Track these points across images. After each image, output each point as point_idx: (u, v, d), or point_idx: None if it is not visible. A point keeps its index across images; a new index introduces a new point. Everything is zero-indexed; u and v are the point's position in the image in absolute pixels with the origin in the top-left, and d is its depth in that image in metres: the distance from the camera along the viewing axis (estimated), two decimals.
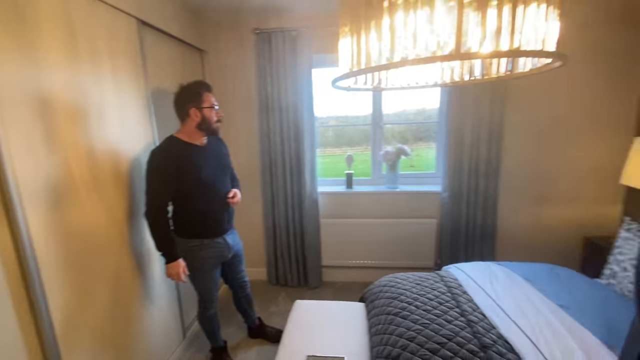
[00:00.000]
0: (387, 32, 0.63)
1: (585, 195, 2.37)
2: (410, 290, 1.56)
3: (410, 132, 2.88)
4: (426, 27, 0.59)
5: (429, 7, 0.60)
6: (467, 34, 0.58)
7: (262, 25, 2.32)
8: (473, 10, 0.56)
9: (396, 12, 0.62)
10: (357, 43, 0.72)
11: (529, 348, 1.09)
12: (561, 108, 2.27)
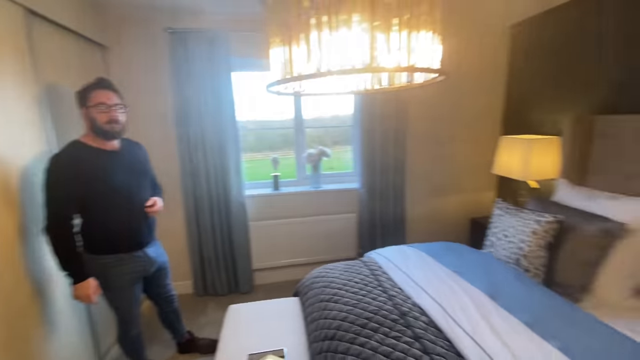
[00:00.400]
0: (315, 45, 0.73)
1: (469, 184, 2.91)
2: (339, 277, 1.70)
3: (327, 136, 3.07)
4: (346, 43, 0.71)
5: (347, 28, 0.72)
6: (377, 50, 0.72)
7: (176, 25, 2.22)
8: (381, 32, 0.70)
9: (322, 30, 0.72)
10: (288, 53, 0.80)
11: (437, 309, 1.33)
12: (449, 114, 2.75)
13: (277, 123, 2.90)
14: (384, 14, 0.70)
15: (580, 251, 1.50)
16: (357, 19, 0.72)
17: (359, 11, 0.72)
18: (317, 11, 0.72)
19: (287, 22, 0.77)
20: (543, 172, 2.21)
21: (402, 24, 0.72)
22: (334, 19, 0.71)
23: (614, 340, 1.10)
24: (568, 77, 2.25)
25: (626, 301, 1.43)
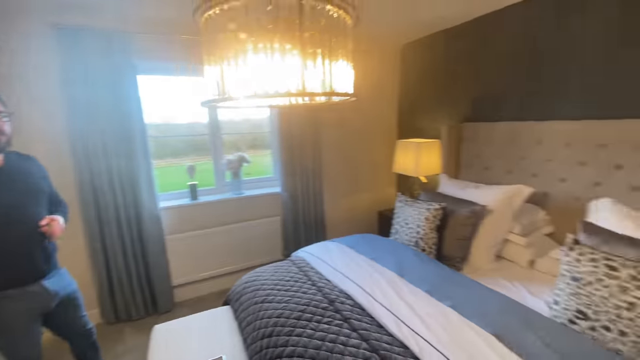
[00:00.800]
0: (253, 68, 0.82)
1: (375, 183, 3.32)
2: (270, 278, 1.78)
3: (241, 141, 3.00)
4: (282, 69, 0.81)
5: (280, 54, 0.83)
6: (305, 75, 0.85)
7: (65, 22, 1.95)
8: (309, 60, 0.83)
9: (257, 53, 0.81)
10: (221, 72, 0.86)
11: (359, 292, 1.53)
12: (355, 122, 3.10)
13: (187, 128, 2.75)
14: (311, 45, 0.83)
15: (458, 230, 1.92)
16: (289, 47, 0.83)
17: (288, 41, 0.83)
18: (254, 39, 0.80)
19: (222, 44, 0.83)
20: (430, 169, 2.70)
21: (324, 54, 0.87)
22: (268, 46, 0.81)
23: (485, 294, 1.47)
24: (443, 92, 2.80)
25: (491, 264, 1.90)
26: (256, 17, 0.83)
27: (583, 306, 1.18)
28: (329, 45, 0.86)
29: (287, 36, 0.83)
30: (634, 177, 1.64)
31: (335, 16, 0.90)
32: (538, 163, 2.06)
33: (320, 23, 0.86)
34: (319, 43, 0.84)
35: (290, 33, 0.83)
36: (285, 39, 0.83)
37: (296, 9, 0.82)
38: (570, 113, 1.92)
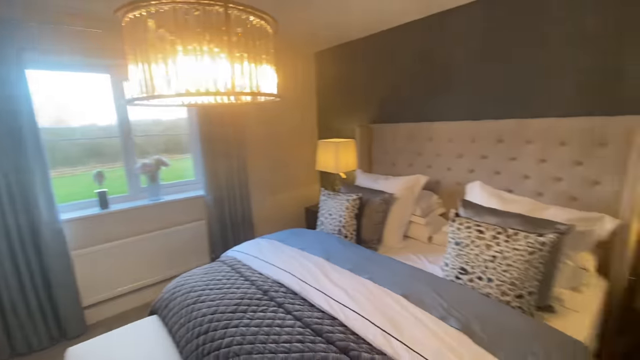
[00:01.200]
0: (179, 67, 0.87)
1: (300, 181, 3.49)
2: (201, 280, 1.77)
3: (149, 144, 2.71)
4: (213, 69, 0.88)
5: (209, 56, 0.89)
6: (236, 77, 0.93)
7: None
8: (237, 63, 0.92)
9: (187, 55, 0.86)
10: (148, 71, 0.89)
11: (291, 279, 1.66)
12: (279, 123, 3.22)
13: (86, 131, 2.45)
14: (237, 48, 0.92)
15: (373, 216, 2.20)
16: (217, 50, 0.91)
17: (217, 44, 0.91)
18: (181, 40, 0.86)
19: (149, 43, 0.86)
20: (347, 166, 2.98)
21: (249, 58, 0.97)
22: (198, 48, 0.87)
23: (396, 266, 1.74)
24: (356, 96, 3.12)
25: (400, 244, 2.23)
26: (184, 20, 0.88)
27: (464, 264, 1.53)
28: (253, 49, 0.96)
29: (216, 40, 0.91)
30: (495, 164, 2.14)
31: (257, 25, 1.01)
32: (431, 157, 2.50)
33: (245, 29, 0.96)
34: (244, 47, 0.93)
35: (218, 37, 0.91)
36: (213, 43, 0.90)
37: (223, 16, 0.90)
38: (452, 116, 2.38)
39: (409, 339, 1.18)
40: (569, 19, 1.81)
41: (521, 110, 2.05)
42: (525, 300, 1.38)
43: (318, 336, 1.28)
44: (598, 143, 1.74)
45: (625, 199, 1.64)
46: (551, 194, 1.92)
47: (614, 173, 1.69)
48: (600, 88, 1.76)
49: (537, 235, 1.39)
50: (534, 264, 1.36)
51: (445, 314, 1.28)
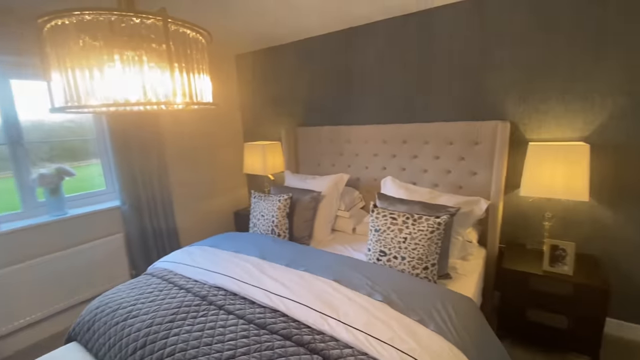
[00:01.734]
0: (121, 76, 0.87)
1: (227, 185, 3.45)
2: (129, 296, 1.67)
3: (42, 151, 2.33)
4: (135, 77, 0.89)
5: (139, 65, 0.91)
6: (174, 86, 0.96)
7: None
8: (176, 71, 0.95)
9: (115, 64, 0.86)
10: (73, 78, 0.86)
11: (230, 281, 1.69)
12: (202, 127, 3.13)
13: None
14: (174, 58, 0.95)
15: (303, 213, 2.36)
16: (146, 59, 0.93)
17: (148, 53, 0.92)
18: (108, 50, 0.85)
19: (75, 51, 0.84)
20: (275, 167, 3.09)
21: (188, 69, 1.00)
22: (136, 58, 0.88)
23: (327, 256, 1.93)
24: (280, 100, 3.24)
25: (328, 237, 2.44)
26: (111, 29, 0.88)
27: (382, 247, 1.80)
28: (185, 58, 1.00)
29: (148, 49, 0.92)
30: (402, 162, 2.51)
31: (191, 36, 1.05)
32: (350, 157, 2.78)
33: (177, 39, 0.99)
34: (181, 57, 0.97)
35: (150, 47, 0.93)
36: (145, 52, 0.92)
37: (156, 27, 0.93)
38: (366, 120, 2.70)
39: (344, 316, 1.36)
40: (449, 46, 2.26)
41: (420, 116, 2.46)
42: (430, 271, 1.70)
43: (262, 329, 1.37)
44: (474, 142, 2.21)
45: (494, 184, 2.14)
46: (444, 184, 2.36)
47: (486, 165, 2.18)
48: (472, 99, 2.25)
49: (435, 217, 1.73)
50: (434, 241, 1.69)
51: (371, 290, 1.51)
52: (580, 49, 1.88)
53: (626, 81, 1.80)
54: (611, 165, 1.90)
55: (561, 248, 1.81)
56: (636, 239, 1.90)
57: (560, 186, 1.82)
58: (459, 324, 1.34)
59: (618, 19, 1.76)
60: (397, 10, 2.34)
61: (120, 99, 0.91)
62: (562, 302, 1.78)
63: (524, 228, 2.21)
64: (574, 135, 1.99)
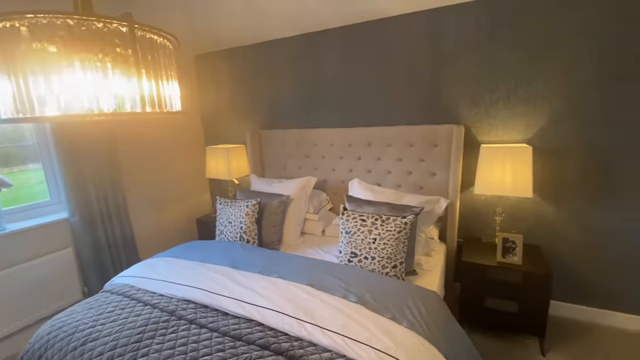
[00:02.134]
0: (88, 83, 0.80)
1: (188, 191, 3.31)
2: (86, 317, 1.54)
3: None
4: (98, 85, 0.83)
5: (102, 71, 0.84)
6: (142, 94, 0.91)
7: None
8: (144, 78, 0.90)
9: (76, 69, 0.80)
10: (20, 85, 0.78)
11: (199, 293, 1.62)
12: (158, 131, 2.96)
13: None
14: (139, 64, 0.90)
15: (272, 218, 2.34)
16: (121, 67, 0.86)
17: (112, 59, 0.86)
18: (66, 54, 0.78)
19: (26, 55, 0.76)
20: (240, 171, 3.02)
21: (156, 76, 0.95)
22: (99, 64, 0.81)
23: (299, 261, 1.93)
24: (244, 102, 3.17)
25: (298, 240, 2.44)
26: (70, 33, 0.81)
27: (353, 248, 1.84)
28: (156, 65, 0.95)
29: (113, 55, 0.86)
30: (367, 164, 2.59)
31: (158, 41, 1.00)
32: (317, 159, 2.81)
33: (143, 44, 0.94)
34: (149, 64, 0.92)
35: (114, 51, 0.86)
36: (110, 58, 0.86)
37: (120, 32, 0.87)
38: (332, 123, 2.74)
39: (320, 320, 1.37)
40: (407, 53, 2.37)
41: (383, 120, 2.55)
42: (398, 269, 1.78)
43: (238, 341, 1.34)
44: (433, 144, 2.35)
45: (451, 184, 2.29)
46: (406, 184, 2.48)
47: (444, 166, 2.33)
48: (431, 104, 2.39)
49: (402, 217, 1.81)
50: (401, 240, 1.78)
51: (346, 292, 1.54)
52: (523, 57, 2.08)
53: (564, 85, 2.02)
54: (551, 165, 2.14)
55: (511, 240, 2.00)
56: (572, 230, 2.16)
57: (508, 184, 2.01)
58: (428, 318, 1.42)
59: (557, 27, 1.97)
60: (358, 17, 2.41)
61: (82, 108, 0.84)
62: (514, 289, 1.96)
63: (478, 223, 2.40)
64: (518, 138, 2.20)
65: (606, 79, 1.92)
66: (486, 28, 2.13)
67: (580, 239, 2.15)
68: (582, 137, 2.04)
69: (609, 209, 2.04)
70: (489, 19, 2.11)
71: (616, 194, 2.01)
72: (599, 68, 1.92)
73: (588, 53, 1.93)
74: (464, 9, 2.16)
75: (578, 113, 2.02)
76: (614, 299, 2.13)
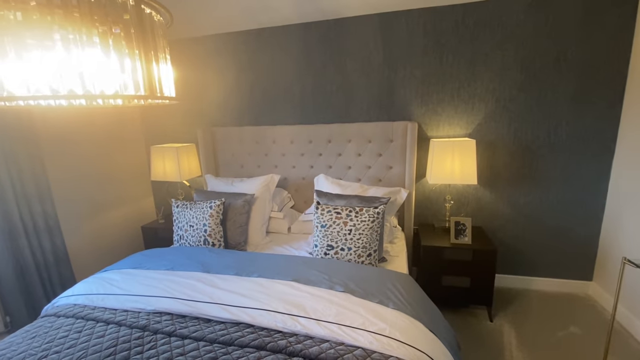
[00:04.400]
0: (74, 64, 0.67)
1: (129, 196, 2.96)
2: (31, 347, 1.29)
3: None
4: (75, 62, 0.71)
5: (88, 49, 0.73)
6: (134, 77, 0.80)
7: None
8: (135, 59, 0.79)
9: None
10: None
11: (174, 303, 1.48)
12: (87, 128, 2.59)
13: None
14: (135, 43, 0.79)
15: (237, 218, 2.24)
16: (97, 40, 0.75)
17: (105, 38, 0.75)
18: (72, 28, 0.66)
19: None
20: (191, 172, 2.82)
21: (148, 55, 0.84)
22: (84, 38, 0.69)
23: (277, 260, 1.88)
24: (194, 98, 2.95)
25: (264, 240, 2.38)
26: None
27: (330, 241, 1.88)
28: (147, 43, 0.85)
29: (101, 28, 0.75)
30: (328, 160, 2.65)
31: (148, 13, 0.89)
32: (277, 157, 2.77)
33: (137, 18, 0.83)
34: (140, 41, 0.82)
35: (104, 25, 0.75)
36: (98, 32, 0.74)
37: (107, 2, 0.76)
38: (290, 120, 2.73)
39: (313, 312, 1.38)
40: (363, 54, 2.50)
41: (343, 117, 2.64)
42: (373, 257, 1.87)
43: (230, 346, 1.27)
44: (389, 140, 2.51)
45: (407, 176, 2.48)
46: (366, 178, 2.61)
47: (400, 160, 2.51)
48: (386, 102, 2.56)
49: (374, 208, 1.91)
50: (375, 229, 1.87)
51: (331, 283, 1.57)
52: (464, 62, 2.36)
53: (495, 87, 2.35)
54: (487, 156, 2.47)
55: (462, 223, 2.26)
56: (505, 212, 2.53)
57: (457, 174, 2.26)
58: (409, 298, 1.53)
59: (487, 38, 2.29)
60: (319, 15, 2.45)
61: (62, 89, 0.71)
62: (466, 266, 2.22)
63: (430, 210, 2.65)
64: (461, 133, 2.49)
65: (527, 83, 2.30)
66: (432, 34, 2.36)
67: (510, 218, 2.53)
68: (509, 132, 2.40)
69: (531, 191, 2.45)
70: (434, 26, 2.35)
71: (536, 178, 2.42)
72: (522, 74, 2.29)
73: (514, 61, 2.28)
74: (412, 15, 2.37)
75: (506, 111, 2.38)
76: (536, 266, 2.56)
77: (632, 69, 2.09)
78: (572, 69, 2.20)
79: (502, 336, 2.06)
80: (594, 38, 2.13)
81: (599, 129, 2.25)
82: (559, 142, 2.33)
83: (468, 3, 2.25)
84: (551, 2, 2.14)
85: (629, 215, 2.11)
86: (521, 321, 2.20)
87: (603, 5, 2.07)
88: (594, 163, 2.30)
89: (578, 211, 2.39)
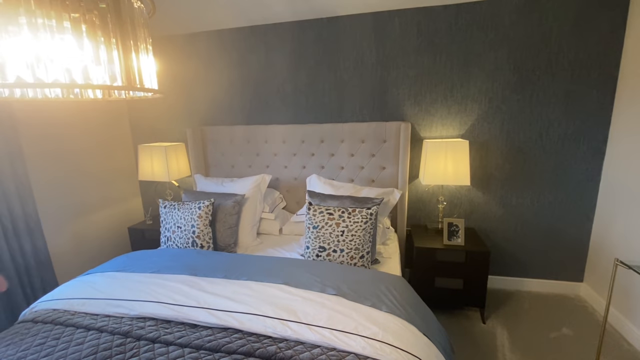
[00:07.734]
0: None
1: (115, 196, 2.87)
2: (5, 355, 1.21)
3: None
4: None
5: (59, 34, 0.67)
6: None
7: None
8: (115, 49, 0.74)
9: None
10: None
11: (159, 307, 1.41)
12: (74, 127, 2.50)
13: None
14: (113, 31, 0.74)
15: (227, 220, 2.18)
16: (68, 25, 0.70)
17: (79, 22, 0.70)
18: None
19: None
20: (181, 172, 2.75)
21: (127, 44, 0.79)
22: (55, 23, 0.64)
23: (267, 262, 1.83)
24: (183, 96, 2.88)
25: (255, 241, 2.33)
26: None
27: (322, 242, 1.84)
28: (126, 31, 0.79)
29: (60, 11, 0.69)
30: (320, 160, 2.61)
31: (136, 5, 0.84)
32: (268, 157, 2.72)
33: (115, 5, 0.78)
34: (117, 29, 0.77)
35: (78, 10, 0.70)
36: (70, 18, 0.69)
37: None
38: (283, 120, 2.69)
39: (304, 316, 1.33)
40: (356, 53, 2.47)
41: (336, 117, 2.61)
42: (365, 259, 1.84)
43: (216, 352, 1.22)
44: (382, 140, 2.49)
45: (400, 176, 2.46)
46: (359, 179, 2.58)
47: (393, 160, 2.49)
48: (379, 102, 2.53)
49: (367, 209, 1.88)
50: (368, 230, 1.84)
51: (322, 286, 1.53)
52: (457, 62, 2.35)
53: (488, 88, 2.34)
54: (480, 157, 2.46)
55: (455, 224, 2.24)
56: (498, 213, 2.52)
57: (450, 175, 2.24)
58: (402, 301, 1.50)
59: (480, 39, 2.29)
60: (311, 13, 2.41)
61: (28, 77, 0.66)
62: (458, 268, 2.20)
63: (423, 212, 2.63)
64: (454, 133, 2.48)
65: (519, 84, 2.29)
66: (426, 34, 2.35)
67: (503, 219, 2.52)
68: (502, 132, 2.40)
69: (523, 192, 2.45)
70: (427, 26, 2.33)
71: (528, 179, 2.42)
72: (515, 75, 2.29)
73: (506, 63, 2.28)
74: (406, 14, 2.35)
75: (499, 112, 2.37)
76: (527, 268, 2.56)
77: (622, 70, 2.11)
78: (563, 70, 2.20)
79: (495, 338, 2.05)
80: (585, 40, 2.13)
81: (589, 131, 2.26)
82: (551, 144, 2.33)
83: (462, 3, 2.24)
84: (544, 4, 2.14)
85: (619, 216, 2.12)
86: (513, 323, 2.19)
87: (595, 8, 2.08)
88: (585, 164, 2.31)
89: (569, 212, 2.40)
